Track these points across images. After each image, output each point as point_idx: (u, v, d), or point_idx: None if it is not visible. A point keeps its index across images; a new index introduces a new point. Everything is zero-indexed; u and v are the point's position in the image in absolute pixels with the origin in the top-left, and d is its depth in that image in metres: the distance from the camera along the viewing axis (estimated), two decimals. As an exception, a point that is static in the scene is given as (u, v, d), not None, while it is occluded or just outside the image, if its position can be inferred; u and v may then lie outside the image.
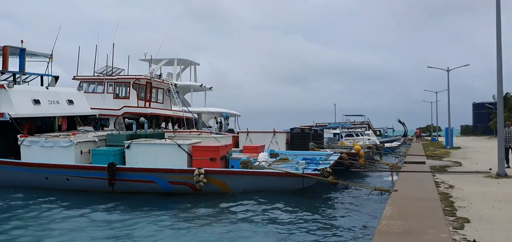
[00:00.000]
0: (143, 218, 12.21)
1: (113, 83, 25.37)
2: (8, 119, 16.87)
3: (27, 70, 20.26)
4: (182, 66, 36.13)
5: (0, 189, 16.19)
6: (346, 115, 62.26)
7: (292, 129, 26.11)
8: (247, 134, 24.55)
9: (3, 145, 17.55)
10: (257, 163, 15.91)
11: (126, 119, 23.89)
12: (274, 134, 24.08)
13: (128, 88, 25.07)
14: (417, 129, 68.77)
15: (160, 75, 28.64)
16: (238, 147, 22.30)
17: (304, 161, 17.22)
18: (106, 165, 15.54)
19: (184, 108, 26.78)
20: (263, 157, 16.76)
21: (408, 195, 11.71)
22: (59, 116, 19.40)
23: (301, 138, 24.41)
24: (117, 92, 25.30)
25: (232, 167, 16.02)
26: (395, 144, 43.39)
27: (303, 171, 15.26)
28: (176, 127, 27.27)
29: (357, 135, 42.82)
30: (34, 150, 16.59)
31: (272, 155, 18.39)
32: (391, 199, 11.07)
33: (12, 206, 13.89)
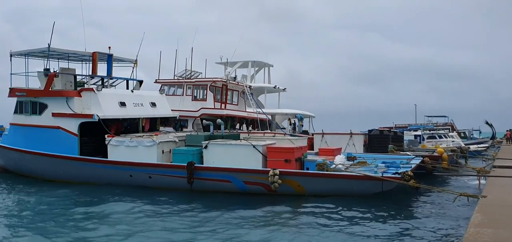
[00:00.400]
0: (220, 217, 12.46)
1: (192, 86, 26.40)
2: (97, 120, 18.12)
3: (114, 74, 21.70)
4: (256, 68, 36.49)
5: (88, 185, 17.42)
6: (428, 116, 59.32)
7: (370, 131, 25.26)
8: (322, 136, 24.13)
9: (91, 144, 18.90)
10: (334, 166, 15.61)
11: (203, 121, 24.65)
12: (350, 136, 23.36)
13: (206, 90, 25.95)
14: (507, 130, 63.61)
15: (235, 78, 29.26)
16: (313, 149, 21.98)
17: (383, 165, 16.53)
18: (186, 164, 16.15)
19: (258, 109, 27.05)
20: (339, 159, 16.37)
21: (498, 201, 10.81)
22: (143, 118, 20.51)
23: (380, 140, 23.38)
24: (195, 94, 26.27)
25: (307, 169, 15.86)
26: (482, 146, 40.46)
27: (382, 174, 14.72)
28: (250, 128, 27.65)
29: (440, 137, 40.64)
30: (119, 149, 17.66)
31: (350, 158, 17.91)
32: (479, 206, 10.28)
33: (97, 201, 14.82)
